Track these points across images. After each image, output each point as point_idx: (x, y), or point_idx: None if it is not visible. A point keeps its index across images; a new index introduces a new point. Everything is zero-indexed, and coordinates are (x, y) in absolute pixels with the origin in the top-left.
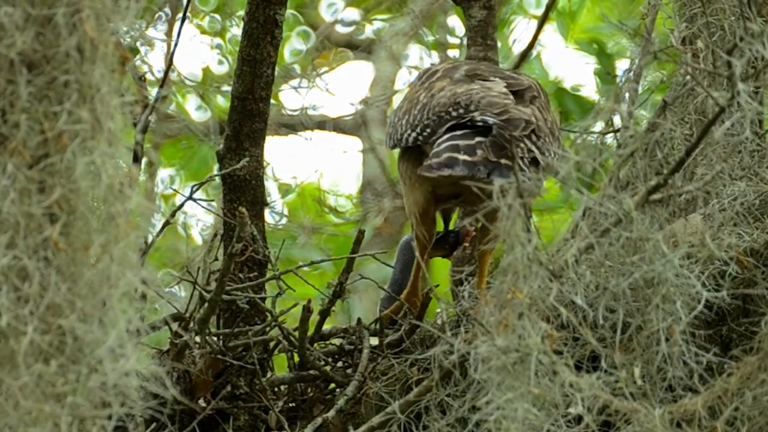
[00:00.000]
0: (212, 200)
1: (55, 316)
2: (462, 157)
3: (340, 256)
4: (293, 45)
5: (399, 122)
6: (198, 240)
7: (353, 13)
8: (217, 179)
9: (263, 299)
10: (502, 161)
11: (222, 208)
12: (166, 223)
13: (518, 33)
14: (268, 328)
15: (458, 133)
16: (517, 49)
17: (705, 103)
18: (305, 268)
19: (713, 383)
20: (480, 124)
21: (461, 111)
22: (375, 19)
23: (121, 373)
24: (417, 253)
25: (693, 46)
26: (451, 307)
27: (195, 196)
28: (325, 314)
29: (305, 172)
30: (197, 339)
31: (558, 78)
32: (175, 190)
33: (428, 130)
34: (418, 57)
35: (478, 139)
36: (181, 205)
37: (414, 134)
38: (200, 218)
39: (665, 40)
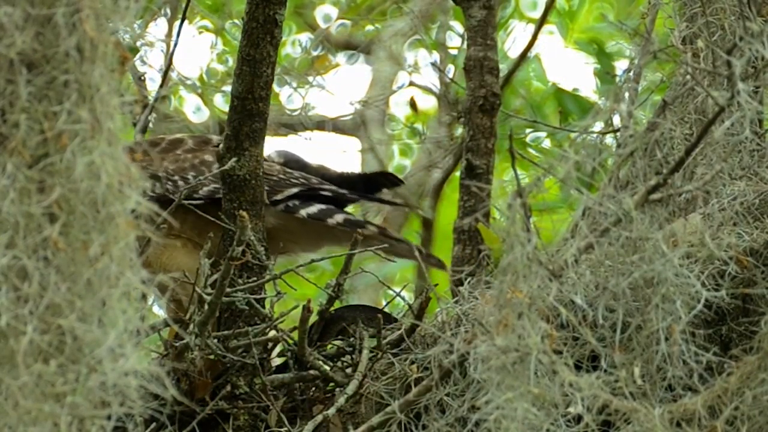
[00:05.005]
0: (201, 200)
1: (54, 316)
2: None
3: (340, 255)
4: (292, 49)
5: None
6: None
7: (347, 23)
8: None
9: (262, 300)
10: None
11: (222, 207)
12: (162, 223)
13: (516, 35)
14: (267, 330)
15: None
16: (513, 51)
17: (705, 102)
18: (303, 269)
19: (713, 383)
20: None
21: None
22: (374, 20)
23: (120, 373)
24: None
25: (693, 46)
26: (451, 307)
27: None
28: (323, 315)
29: None
30: (197, 341)
31: (556, 82)
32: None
33: None
34: (417, 57)
35: None
36: (173, 207)
37: None
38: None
39: (665, 39)
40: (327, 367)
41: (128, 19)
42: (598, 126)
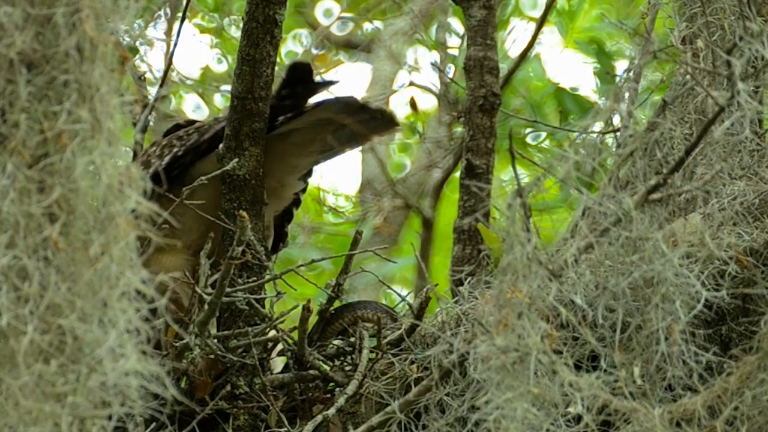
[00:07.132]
0: (203, 202)
1: (55, 316)
2: None
3: (340, 256)
4: (290, 46)
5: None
6: None
7: (348, 19)
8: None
9: (262, 300)
10: None
11: (222, 207)
12: (162, 224)
13: (516, 35)
14: (267, 330)
15: None
16: (513, 51)
17: (705, 102)
18: (303, 269)
19: (713, 383)
20: None
21: None
22: (374, 19)
23: (120, 373)
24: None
25: (693, 46)
26: (451, 307)
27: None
28: (323, 315)
29: None
30: (197, 341)
31: (555, 81)
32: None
33: None
34: (417, 56)
35: None
36: (172, 207)
37: None
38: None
39: (665, 39)
40: (327, 367)
41: (128, 19)
42: (598, 126)
